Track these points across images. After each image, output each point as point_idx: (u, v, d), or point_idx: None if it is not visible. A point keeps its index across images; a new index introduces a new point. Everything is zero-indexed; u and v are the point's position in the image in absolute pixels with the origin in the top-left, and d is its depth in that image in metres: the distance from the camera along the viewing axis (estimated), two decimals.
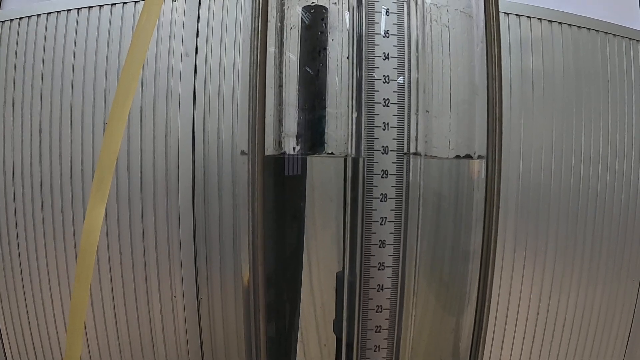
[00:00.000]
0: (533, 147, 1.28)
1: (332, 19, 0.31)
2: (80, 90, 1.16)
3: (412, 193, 0.30)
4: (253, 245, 0.30)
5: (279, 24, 0.31)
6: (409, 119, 0.28)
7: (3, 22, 1.19)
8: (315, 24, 0.31)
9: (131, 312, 1.20)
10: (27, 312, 1.22)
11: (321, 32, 0.31)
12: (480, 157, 0.34)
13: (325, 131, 0.31)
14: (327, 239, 0.34)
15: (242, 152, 0.35)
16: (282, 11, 0.31)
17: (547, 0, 1.32)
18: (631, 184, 1.38)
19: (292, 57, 0.31)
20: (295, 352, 0.36)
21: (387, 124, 0.27)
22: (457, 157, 0.34)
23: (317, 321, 0.36)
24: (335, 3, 0.30)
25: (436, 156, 0.33)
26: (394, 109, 0.28)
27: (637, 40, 1.38)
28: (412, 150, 0.29)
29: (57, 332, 1.22)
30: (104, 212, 0.37)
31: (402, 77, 0.28)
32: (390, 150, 0.28)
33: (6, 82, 1.18)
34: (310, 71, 0.30)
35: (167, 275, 1.19)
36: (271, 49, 0.29)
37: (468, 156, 0.34)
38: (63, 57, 1.17)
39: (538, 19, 1.29)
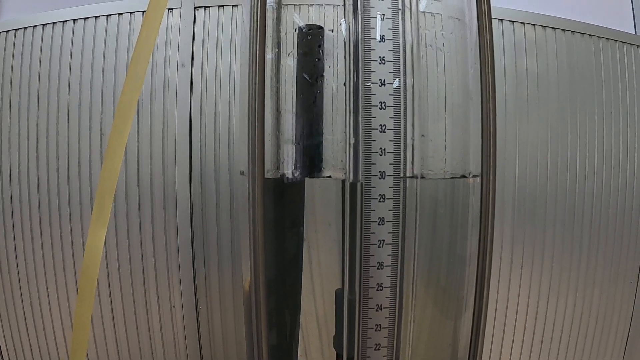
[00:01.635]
0: (528, 150, 1.29)
1: (328, 45, 0.31)
2: (77, 102, 1.17)
3: (409, 215, 0.30)
4: (255, 264, 0.31)
5: (276, 50, 0.32)
6: (404, 143, 0.29)
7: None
8: (311, 51, 0.32)
9: (130, 323, 1.20)
10: (27, 325, 1.22)
11: (318, 59, 0.31)
12: (474, 176, 0.34)
13: (323, 156, 0.31)
14: (327, 260, 0.34)
15: (242, 173, 0.35)
16: (279, 37, 0.31)
17: (540, 4, 1.33)
18: (627, 186, 1.39)
19: (289, 86, 0.31)
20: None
21: (384, 149, 0.28)
22: (453, 177, 0.35)
23: (320, 334, 0.37)
24: (332, 30, 0.31)
25: (432, 178, 0.33)
26: (390, 134, 0.28)
27: (630, 44, 1.39)
28: (409, 174, 0.29)
29: (56, 344, 1.22)
30: (104, 235, 0.37)
31: (398, 102, 0.28)
32: (387, 175, 0.28)
33: (2, 93, 1.18)
34: (307, 101, 0.31)
35: (166, 286, 1.19)
36: (268, 78, 0.30)
37: (463, 176, 0.35)
38: (59, 67, 1.17)
39: (532, 24, 1.29)
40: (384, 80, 0.28)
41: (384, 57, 0.28)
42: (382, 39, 0.28)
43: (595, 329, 1.41)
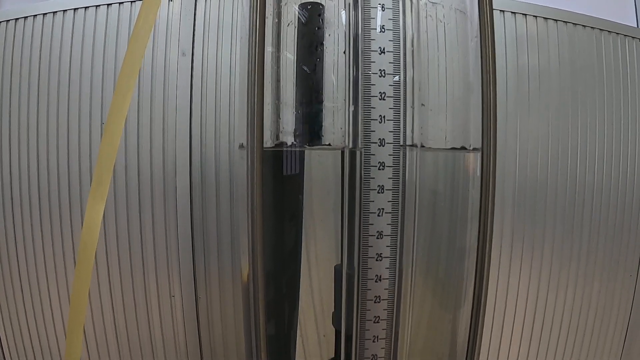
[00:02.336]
0: (529, 144, 1.29)
1: (329, 14, 0.31)
2: (77, 90, 1.17)
3: (409, 184, 0.30)
4: (252, 238, 0.31)
5: (276, 20, 0.32)
6: (404, 112, 0.28)
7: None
8: (312, 20, 0.31)
9: (130, 312, 1.20)
10: (27, 316, 1.22)
11: (318, 28, 0.31)
12: (475, 149, 0.34)
13: (323, 124, 0.31)
14: (326, 232, 0.34)
15: (241, 146, 0.35)
16: (279, 7, 0.31)
17: None
18: (627, 179, 1.39)
19: (289, 54, 0.31)
20: (295, 345, 0.36)
21: (384, 117, 0.28)
22: (453, 149, 0.35)
23: (316, 314, 0.37)
24: None
25: (431, 147, 0.33)
26: (389, 102, 0.28)
27: (632, 37, 1.39)
28: (409, 142, 0.29)
29: (56, 336, 1.22)
30: (103, 210, 0.37)
31: (398, 71, 0.28)
32: (387, 143, 0.28)
33: (2, 82, 1.18)
34: (307, 69, 0.31)
35: (166, 275, 1.19)
36: (269, 47, 0.29)
37: (463, 148, 0.35)
38: (60, 57, 1.17)
39: (534, 16, 1.29)
40: (384, 49, 0.28)
41: (383, 25, 0.28)
42: (383, 7, 0.28)
43: (594, 322, 1.41)
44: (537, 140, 1.30)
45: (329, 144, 0.32)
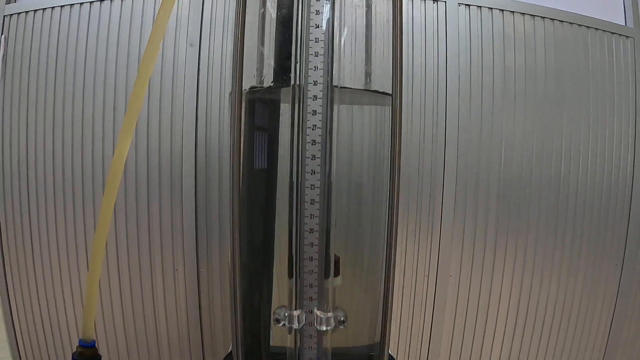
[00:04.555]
0: (515, 138, 1.33)
1: None
2: (92, 80, 1.25)
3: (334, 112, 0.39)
4: (232, 166, 0.38)
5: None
6: (331, 60, 0.37)
7: (18, 14, 1.28)
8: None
9: (135, 284, 1.27)
10: (37, 290, 1.30)
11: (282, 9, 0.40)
12: (385, 93, 0.43)
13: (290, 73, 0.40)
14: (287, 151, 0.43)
15: (230, 94, 0.44)
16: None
17: None
18: (612, 170, 1.42)
19: (271, 11, 0.40)
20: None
21: (316, 66, 0.37)
22: (374, 91, 0.43)
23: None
24: None
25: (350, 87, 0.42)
26: (320, 58, 0.37)
27: (619, 35, 1.43)
28: (335, 83, 0.38)
29: (65, 308, 1.30)
30: (129, 144, 0.45)
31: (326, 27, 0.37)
32: (319, 83, 0.37)
33: (21, 72, 1.26)
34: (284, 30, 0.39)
35: (170, 250, 1.26)
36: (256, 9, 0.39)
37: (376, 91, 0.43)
38: (76, 47, 1.25)
39: (521, 13, 1.34)
40: (319, 24, 0.37)
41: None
42: None
43: (579, 310, 1.44)
44: (523, 134, 1.35)
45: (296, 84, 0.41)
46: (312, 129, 0.36)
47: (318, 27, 0.36)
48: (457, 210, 1.33)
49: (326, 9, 0.37)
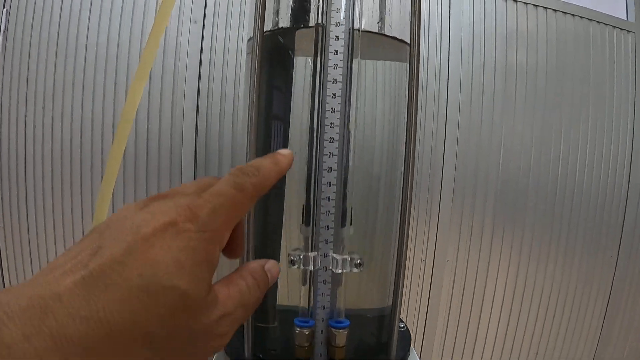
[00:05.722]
0: (515, 130, 1.34)
1: None
2: (93, 59, 1.24)
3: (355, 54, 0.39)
4: (251, 117, 0.39)
5: None
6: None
7: None
8: None
9: None
10: (32, 266, 1.29)
11: None
12: (403, 41, 0.44)
13: (309, 14, 0.40)
14: (303, 99, 0.43)
15: (249, 39, 0.44)
16: None
17: None
18: (610, 162, 1.44)
19: None
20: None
21: (339, 8, 0.37)
22: (393, 37, 0.44)
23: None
24: None
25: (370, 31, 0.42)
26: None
27: (621, 29, 1.44)
28: (356, 26, 0.39)
29: None
30: (143, 88, 0.45)
31: None
32: (341, 24, 0.37)
33: (22, 45, 1.25)
34: None
35: None
36: None
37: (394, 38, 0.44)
38: (78, 21, 1.24)
39: (524, 2, 1.35)
40: None
41: None
42: None
43: (573, 301, 1.46)
44: (523, 128, 1.36)
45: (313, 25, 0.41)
46: (334, 68, 0.37)
47: None
48: (455, 196, 1.34)
49: None
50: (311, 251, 0.40)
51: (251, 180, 0.28)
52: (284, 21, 0.41)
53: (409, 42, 0.39)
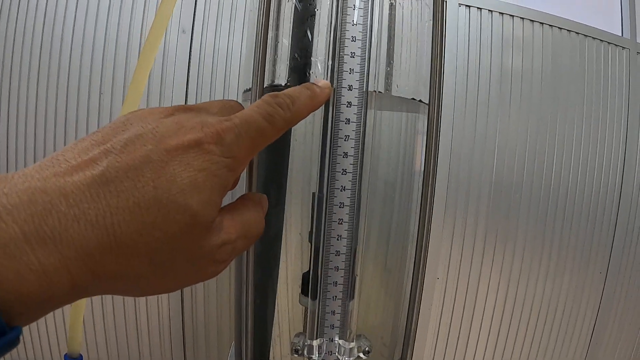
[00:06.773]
0: (508, 144, 1.33)
1: None
2: (78, 59, 1.20)
3: (369, 120, 0.37)
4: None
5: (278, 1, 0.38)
6: (369, 67, 0.35)
7: None
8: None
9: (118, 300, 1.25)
10: None
11: (310, 4, 0.37)
12: (421, 101, 0.41)
13: (310, 73, 0.37)
14: (305, 160, 0.40)
15: (246, 90, 0.41)
16: None
17: (532, 1, 1.37)
18: (602, 180, 1.44)
19: (287, 23, 0.38)
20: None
21: (352, 69, 0.34)
22: (412, 99, 0.41)
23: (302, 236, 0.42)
24: None
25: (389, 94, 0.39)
26: (357, 59, 0.34)
27: (615, 45, 1.44)
28: (371, 88, 0.36)
29: None
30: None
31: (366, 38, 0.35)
32: (354, 88, 0.34)
33: (5, 41, 1.20)
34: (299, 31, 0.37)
35: None
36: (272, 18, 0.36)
37: (412, 99, 0.41)
38: (64, 20, 1.20)
39: (520, 17, 1.34)
40: (354, 21, 0.34)
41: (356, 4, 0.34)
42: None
43: (562, 316, 1.46)
44: (516, 141, 1.34)
45: None
46: (345, 140, 0.34)
47: (355, 24, 0.33)
48: (446, 214, 1.32)
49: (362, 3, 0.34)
50: (315, 338, 0.37)
51: (283, 115, 0.28)
52: (282, 77, 0.38)
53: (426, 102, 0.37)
